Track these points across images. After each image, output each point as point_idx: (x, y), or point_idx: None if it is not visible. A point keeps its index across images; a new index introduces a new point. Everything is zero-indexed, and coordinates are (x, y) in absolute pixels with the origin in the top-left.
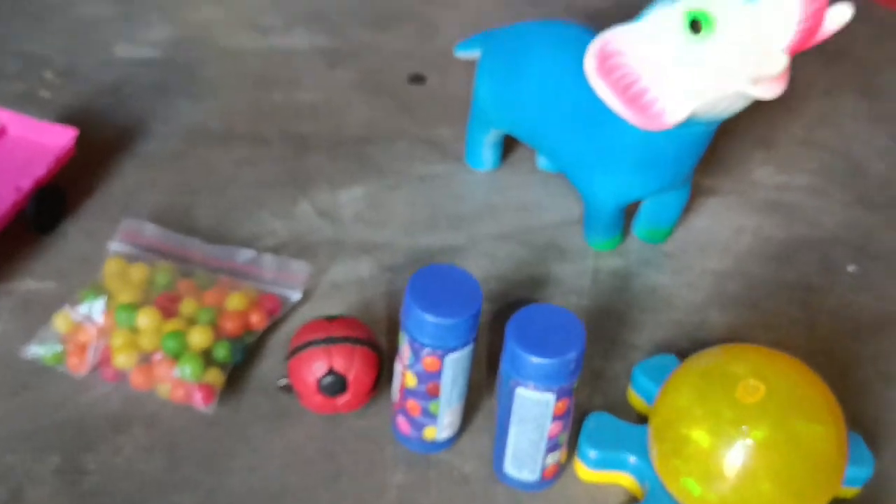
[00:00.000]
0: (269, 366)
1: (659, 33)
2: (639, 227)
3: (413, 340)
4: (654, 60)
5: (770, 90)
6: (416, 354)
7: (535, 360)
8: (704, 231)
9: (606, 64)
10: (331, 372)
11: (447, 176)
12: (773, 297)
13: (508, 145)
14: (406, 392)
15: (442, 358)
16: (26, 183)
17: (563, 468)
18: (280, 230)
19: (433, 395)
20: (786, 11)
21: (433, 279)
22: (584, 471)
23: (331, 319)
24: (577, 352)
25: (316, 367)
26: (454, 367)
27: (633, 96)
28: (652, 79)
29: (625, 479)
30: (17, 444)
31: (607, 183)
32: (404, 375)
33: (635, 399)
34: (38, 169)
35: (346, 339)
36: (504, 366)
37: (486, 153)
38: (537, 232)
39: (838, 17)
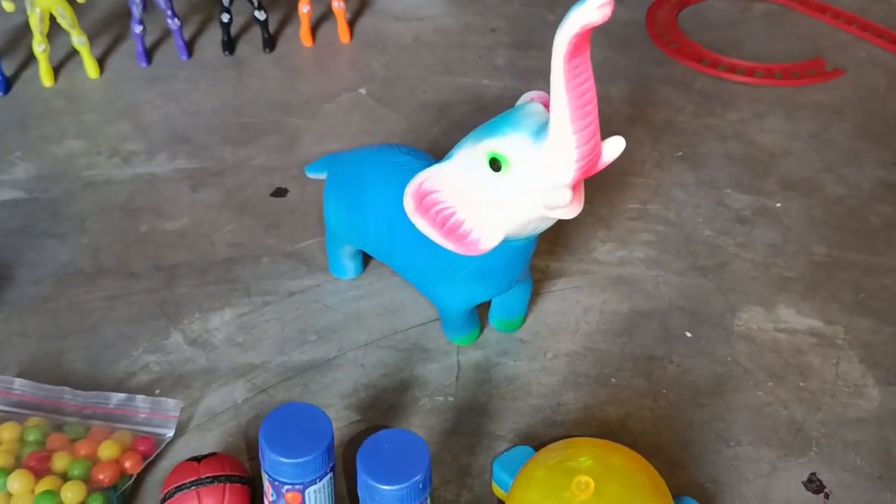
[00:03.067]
0: None
1: (467, 170)
2: (493, 319)
3: (273, 479)
4: (465, 194)
5: (568, 212)
6: (278, 491)
7: (387, 488)
8: (555, 314)
9: (423, 202)
10: None
11: (314, 288)
12: (621, 371)
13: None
14: None
15: (302, 492)
16: None
17: None
18: (153, 365)
19: None
20: (565, 154)
21: (284, 419)
22: None
23: (199, 460)
24: (423, 472)
25: None
26: (316, 498)
27: (451, 229)
28: (465, 211)
29: None
30: None
31: (450, 293)
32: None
33: (498, 491)
34: None
35: (215, 479)
36: (361, 495)
37: (347, 263)
38: (403, 334)
39: (614, 149)
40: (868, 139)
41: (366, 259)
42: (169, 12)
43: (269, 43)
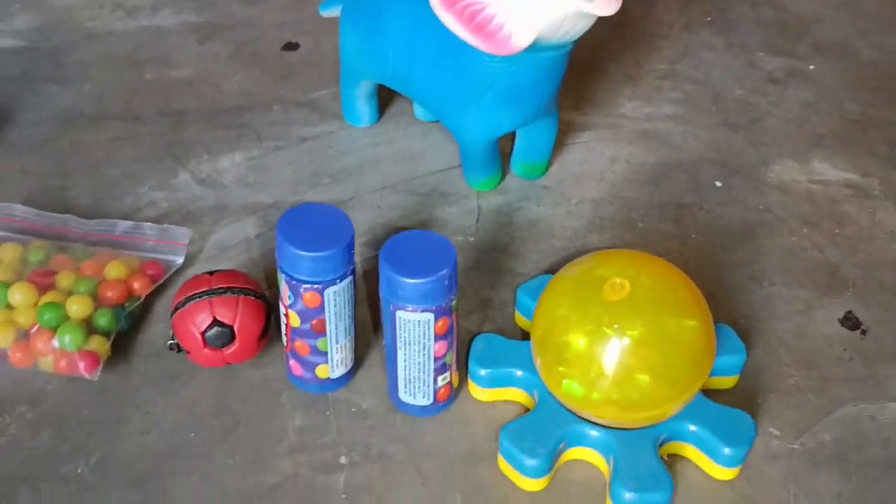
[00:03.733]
0: (157, 331)
1: None
2: (516, 163)
3: (290, 279)
4: None
5: (606, 7)
6: (295, 292)
7: (410, 281)
8: (580, 164)
9: None
10: (215, 323)
11: (327, 135)
12: (648, 217)
13: (386, 100)
14: (292, 333)
15: (321, 292)
16: None
17: (456, 391)
18: (161, 201)
19: (319, 332)
20: None
21: (303, 217)
22: (477, 390)
23: (211, 273)
24: (450, 269)
25: (200, 320)
26: (335, 301)
27: (480, 24)
28: (496, 5)
29: (515, 394)
30: None
31: (475, 119)
32: (287, 316)
33: (521, 320)
34: None
35: (228, 290)
36: (382, 292)
37: (363, 107)
38: (421, 180)
39: None
40: None
41: (382, 108)
42: None
43: None
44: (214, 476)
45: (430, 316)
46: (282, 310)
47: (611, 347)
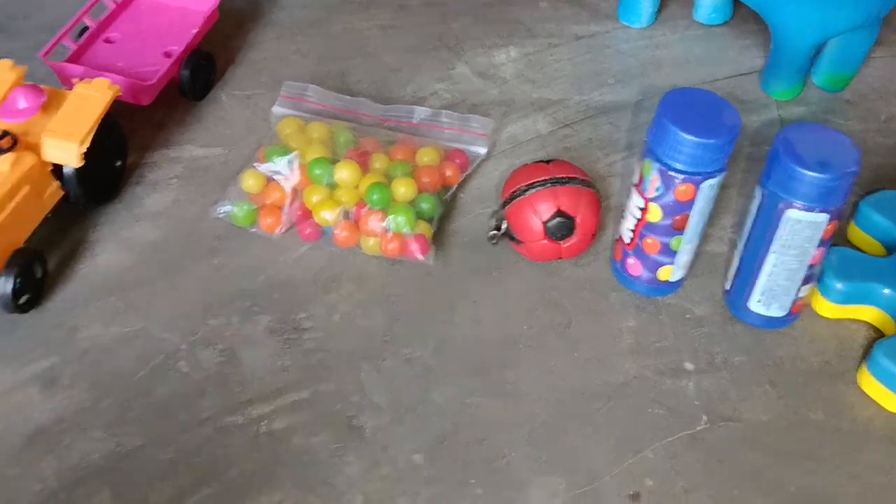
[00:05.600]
0: (465, 222)
1: None
2: (819, 73)
3: (666, 168)
4: None
5: None
6: (668, 183)
7: (813, 175)
8: (881, 80)
9: None
10: (559, 213)
11: (602, 34)
12: None
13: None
14: (645, 229)
15: (698, 185)
16: (176, 48)
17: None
18: (443, 92)
19: (678, 229)
20: None
21: (684, 101)
22: (825, 306)
23: (548, 162)
24: (857, 166)
25: (542, 209)
26: (707, 197)
27: None
28: None
29: (869, 313)
30: (218, 308)
31: (801, 16)
32: (646, 210)
33: (858, 235)
34: (187, 33)
35: (570, 181)
36: (768, 188)
37: (645, 6)
38: (710, 85)
39: None
40: None
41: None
42: None
43: None
44: (558, 370)
45: (825, 217)
46: (635, 203)
47: None
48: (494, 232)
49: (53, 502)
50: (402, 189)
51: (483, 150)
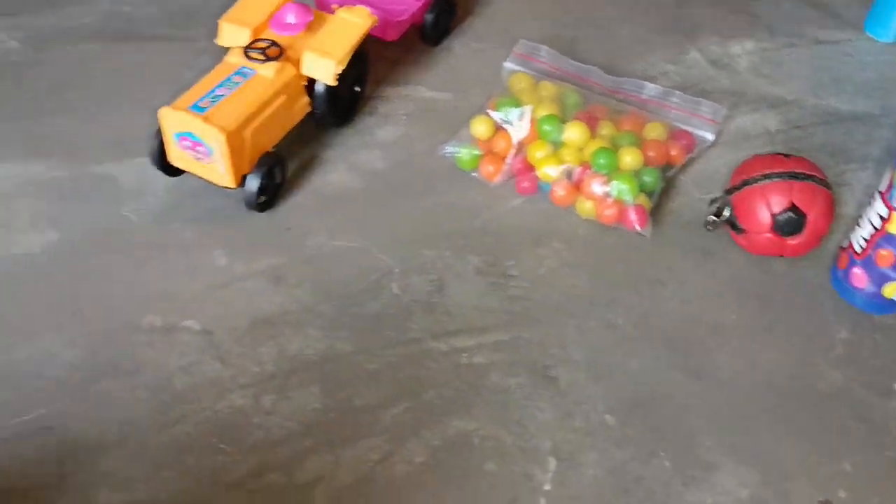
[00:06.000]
0: (682, 203)
1: None
2: None
3: None
4: None
5: None
6: None
7: None
8: None
9: None
10: (791, 208)
11: (845, 42)
12: None
13: None
14: (883, 239)
15: None
16: None
17: None
18: (672, 73)
19: None
20: None
21: None
22: None
23: (787, 156)
24: None
25: (774, 202)
26: None
27: None
28: None
29: None
30: (432, 241)
31: None
32: (888, 220)
33: None
34: None
35: (808, 177)
36: None
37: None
38: None
39: None
40: None
41: None
42: None
43: None
44: (762, 365)
45: None
46: (876, 211)
47: None
48: (713, 218)
49: (269, 384)
50: (629, 158)
51: (711, 136)
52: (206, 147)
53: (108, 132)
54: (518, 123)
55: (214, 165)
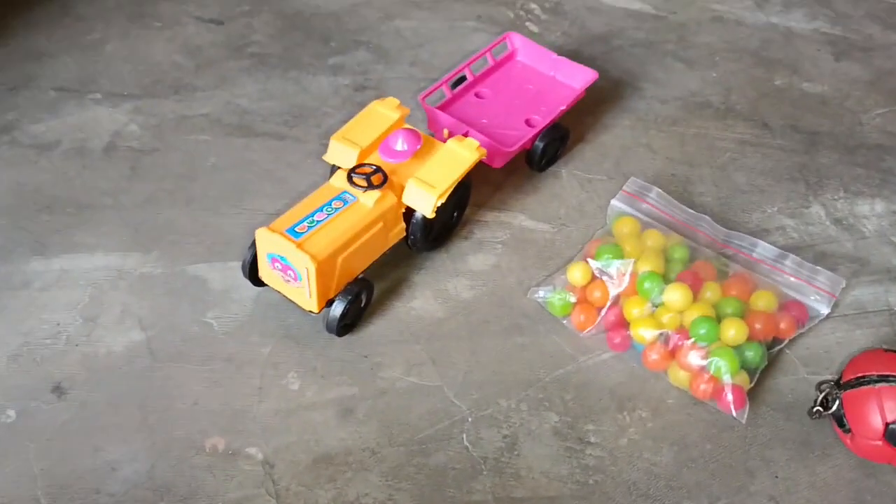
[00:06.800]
0: (787, 383)
1: None
2: None
3: None
4: None
5: None
6: None
7: None
8: None
9: None
10: None
11: None
12: None
13: None
14: None
15: None
16: (539, 119)
17: None
18: (791, 229)
19: None
20: None
21: None
22: None
23: None
24: None
25: (890, 408)
26: None
27: None
28: None
29: None
30: (511, 390)
31: None
32: None
33: None
34: (554, 107)
35: None
36: None
37: None
38: None
39: None
40: None
41: None
42: None
43: None
44: None
45: None
46: None
47: None
48: (819, 409)
49: None
50: (733, 331)
51: (825, 310)
52: (295, 272)
53: (207, 231)
54: (616, 276)
55: (301, 290)
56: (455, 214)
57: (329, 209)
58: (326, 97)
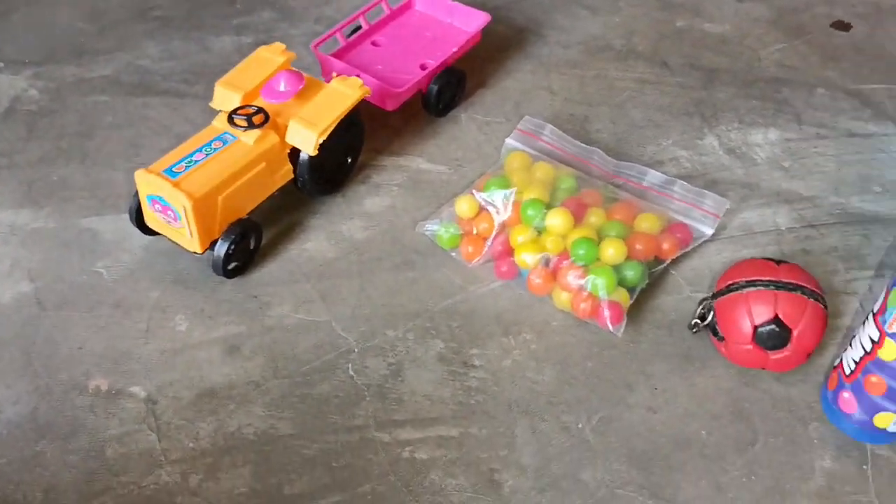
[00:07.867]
0: (668, 301)
1: None
2: None
3: None
4: None
5: None
6: None
7: None
8: None
9: None
10: (774, 320)
11: (880, 137)
12: None
13: None
14: (873, 364)
15: None
16: (432, 62)
17: None
18: (684, 160)
19: None
20: None
21: None
22: None
23: (778, 263)
24: None
25: (757, 312)
26: None
27: None
28: None
29: None
30: (398, 320)
31: None
32: (880, 344)
33: None
34: (447, 50)
35: (797, 288)
36: None
37: None
38: None
39: None
40: None
41: None
42: None
43: None
44: (729, 489)
45: None
46: (868, 333)
47: None
48: (698, 321)
49: (200, 462)
50: (611, 250)
51: (709, 231)
52: (174, 212)
53: (100, 185)
54: (502, 206)
55: (182, 230)
56: (350, 160)
57: (208, 149)
58: (229, 55)
